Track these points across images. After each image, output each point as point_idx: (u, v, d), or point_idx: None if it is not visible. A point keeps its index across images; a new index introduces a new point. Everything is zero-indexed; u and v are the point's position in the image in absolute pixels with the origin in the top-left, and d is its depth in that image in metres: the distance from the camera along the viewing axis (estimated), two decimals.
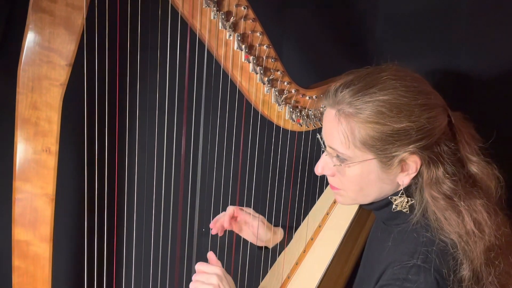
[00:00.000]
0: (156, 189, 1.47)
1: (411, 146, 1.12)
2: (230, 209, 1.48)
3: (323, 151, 1.23)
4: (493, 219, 1.15)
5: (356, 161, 1.15)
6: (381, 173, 1.16)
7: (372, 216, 1.51)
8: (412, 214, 1.18)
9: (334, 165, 1.18)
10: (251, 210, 1.51)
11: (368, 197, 1.22)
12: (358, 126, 1.13)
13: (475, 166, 1.19)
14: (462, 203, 1.14)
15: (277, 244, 1.55)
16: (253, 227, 1.50)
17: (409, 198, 1.19)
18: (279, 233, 1.56)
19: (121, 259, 1.67)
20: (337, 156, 1.17)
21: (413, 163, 1.15)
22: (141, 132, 1.51)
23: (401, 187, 1.18)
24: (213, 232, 1.47)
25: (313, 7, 1.90)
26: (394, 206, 1.20)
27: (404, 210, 1.19)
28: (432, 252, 1.12)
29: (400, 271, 1.11)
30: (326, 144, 1.20)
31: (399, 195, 1.19)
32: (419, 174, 1.16)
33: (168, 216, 1.41)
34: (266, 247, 1.57)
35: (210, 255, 1.29)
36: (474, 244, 1.13)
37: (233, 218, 1.50)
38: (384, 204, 1.22)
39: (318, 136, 1.28)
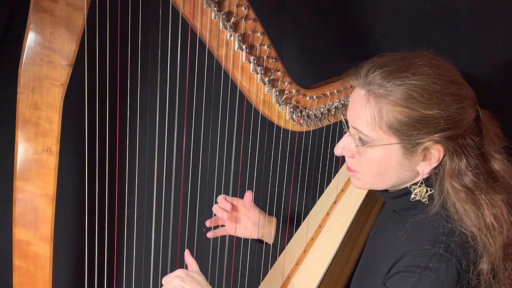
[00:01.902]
0: (156, 189, 1.46)
1: (437, 135, 1.12)
2: (223, 201, 1.48)
3: (345, 132, 1.22)
4: None
5: (379, 144, 1.14)
6: (403, 160, 1.15)
7: (374, 214, 1.51)
8: (431, 205, 1.17)
9: (356, 146, 1.17)
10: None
11: (386, 183, 1.20)
12: (387, 108, 1.12)
13: (498, 163, 1.19)
14: (483, 196, 1.14)
15: (277, 243, 1.55)
16: (254, 216, 1.50)
17: (429, 188, 1.18)
18: (271, 220, 1.56)
19: (122, 259, 1.67)
20: (360, 138, 1.16)
21: (436, 152, 1.14)
22: (142, 132, 1.51)
23: (421, 176, 1.18)
24: (209, 234, 1.46)
25: (313, 7, 1.90)
26: (413, 195, 1.19)
27: (423, 200, 1.18)
28: (453, 243, 1.11)
29: (420, 259, 1.10)
30: (349, 124, 1.19)
31: (418, 185, 1.18)
32: (440, 165, 1.16)
33: (168, 216, 1.41)
34: (262, 241, 1.56)
35: (186, 253, 1.30)
36: (493, 238, 1.12)
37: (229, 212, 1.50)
38: (402, 193, 1.21)
39: (343, 116, 1.27)
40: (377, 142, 1.15)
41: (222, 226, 1.57)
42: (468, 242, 1.13)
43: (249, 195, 1.50)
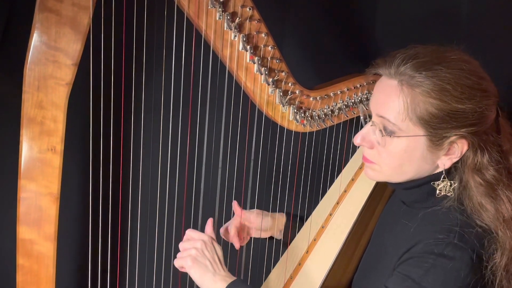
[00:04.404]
0: (160, 188, 1.47)
1: (463, 130, 1.12)
2: (233, 229, 1.46)
3: (365, 122, 1.22)
4: None
5: (406, 135, 1.14)
6: (426, 152, 1.15)
7: (376, 215, 1.51)
8: (445, 198, 1.17)
9: (382, 136, 1.16)
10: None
11: (404, 175, 1.19)
12: (419, 100, 1.11)
13: None
14: (504, 191, 1.14)
15: (280, 243, 1.56)
16: (251, 222, 1.49)
17: (452, 182, 1.18)
18: (280, 217, 1.55)
19: (125, 258, 1.67)
20: (385, 128, 1.16)
21: (460, 147, 1.14)
22: (146, 131, 1.51)
23: (439, 169, 1.17)
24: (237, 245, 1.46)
25: (314, 8, 1.90)
26: (438, 191, 1.18)
27: (449, 194, 1.18)
28: (468, 234, 1.11)
29: (435, 247, 1.10)
30: (374, 113, 1.18)
31: (441, 179, 1.18)
32: (461, 159, 1.16)
33: (172, 216, 1.41)
34: (272, 238, 1.56)
35: (209, 221, 1.31)
36: (511, 233, 1.13)
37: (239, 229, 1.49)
38: (416, 185, 1.20)
39: (361, 106, 1.27)
40: (403, 133, 1.14)
41: None
42: (484, 236, 1.13)
43: (236, 209, 1.49)
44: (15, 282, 1.23)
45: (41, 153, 1.18)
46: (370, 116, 1.21)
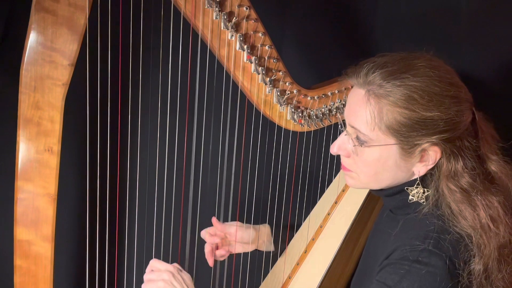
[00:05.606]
0: (157, 189, 1.47)
1: (435, 137, 1.12)
2: (208, 246, 1.43)
3: (342, 131, 1.22)
4: (508, 217, 1.15)
5: (377, 144, 1.14)
6: (400, 160, 1.15)
7: (374, 215, 1.52)
8: (423, 204, 1.18)
9: (354, 146, 1.17)
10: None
11: (381, 183, 1.20)
12: (387, 109, 1.11)
13: (495, 164, 1.19)
14: (479, 197, 1.14)
15: (278, 244, 1.56)
16: (231, 235, 1.47)
17: (425, 189, 1.18)
18: (263, 229, 1.53)
19: (123, 259, 1.67)
20: (357, 137, 1.16)
21: (434, 154, 1.14)
22: (143, 132, 1.51)
23: (415, 177, 1.18)
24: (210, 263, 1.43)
25: (313, 7, 1.90)
26: (410, 197, 1.19)
27: (421, 201, 1.18)
28: (444, 240, 1.11)
29: (410, 253, 1.10)
30: (347, 123, 1.19)
31: (415, 186, 1.18)
32: (436, 166, 1.16)
33: (169, 216, 1.41)
34: (259, 251, 1.55)
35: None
36: (488, 239, 1.12)
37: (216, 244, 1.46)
38: (396, 191, 1.21)
39: (338, 115, 1.27)
40: (375, 142, 1.14)
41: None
42: (460, 242, 1.13)
43: (215, 225, 1.47)
44: (13, 283, 1.23)
45: (38, 153, 1.18)
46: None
